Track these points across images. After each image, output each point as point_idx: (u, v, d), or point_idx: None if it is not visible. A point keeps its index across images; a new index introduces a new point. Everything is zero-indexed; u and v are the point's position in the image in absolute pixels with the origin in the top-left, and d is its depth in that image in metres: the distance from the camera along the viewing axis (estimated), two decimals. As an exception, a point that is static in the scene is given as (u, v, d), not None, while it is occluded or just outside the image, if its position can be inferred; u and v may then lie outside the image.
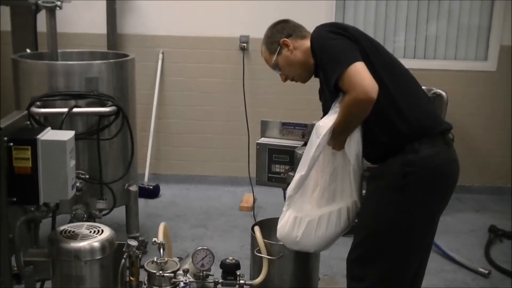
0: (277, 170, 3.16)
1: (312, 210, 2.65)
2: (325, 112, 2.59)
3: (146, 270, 2.77)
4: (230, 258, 2.96)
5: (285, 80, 2.80)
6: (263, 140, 3.26)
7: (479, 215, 5.25)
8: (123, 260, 2.67)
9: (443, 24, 5.62)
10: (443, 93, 5.03)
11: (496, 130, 5.67)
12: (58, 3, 3.79)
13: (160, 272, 2.73)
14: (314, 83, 2.74)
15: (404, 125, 2.46)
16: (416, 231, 2.49)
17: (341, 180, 2.62)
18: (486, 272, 4.07)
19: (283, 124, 3.25)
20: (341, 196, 2.64)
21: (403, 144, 2.45)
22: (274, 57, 2.72)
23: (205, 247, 2.85)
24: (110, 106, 3.67)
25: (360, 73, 2.37)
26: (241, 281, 2.90)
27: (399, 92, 2.50)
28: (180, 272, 2.79)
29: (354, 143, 2.53)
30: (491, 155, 5.73)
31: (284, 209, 2.73)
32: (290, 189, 2.67)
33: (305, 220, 2.65)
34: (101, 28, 5.46)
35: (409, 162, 2.44)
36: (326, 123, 2.51)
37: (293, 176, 2.66)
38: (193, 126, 5.77)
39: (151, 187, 5.43)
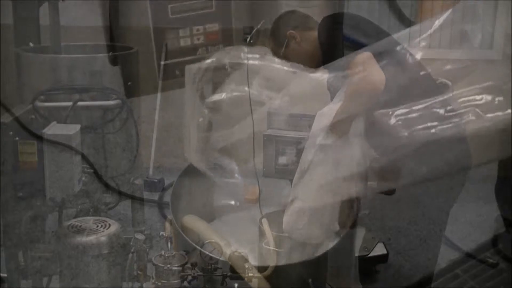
0: (284, 161, 3.14)
1: (316, 201, 2.63)
2: (333, 103, 2.57)
3: (153, 264, 2.76)
4: (238, 250, 2.94)
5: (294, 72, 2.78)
6: (270, 131, 3.23)
7: (486, 205, 5.21)
8: (130, 254, 2.66)
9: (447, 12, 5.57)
10: (448, 83, 4.99)
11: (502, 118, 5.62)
12: (61, -5, 3.77)
13: (168, 265, 2.71)
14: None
15: (414, 115, 2.43)
16: (432, 221, 2.46)
17: (345, 170, 2.60)
18: (494, 262, 4.05)
19: (290, 115, 3.22)
20: (344, 186, 2.61)
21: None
22: (282, 50, 2.70)
23: (213, 240, 2.84)
24: (114, 99, 3.65)
25: (367, 63, 2.35)
26: (249, 274, 2.89)
27: (407, 82, 2.48)
28: (188, 265, 2.78)
29: (357, 133, 2.51)
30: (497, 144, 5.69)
31: (289, 200, 2.71)
32: (294, 180, 2.66)
33: (309, 211, 2.63)
34: (104, 20, 5.42)
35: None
36: (329, 110, 2.49)
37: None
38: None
39: (156, 180, 5.41)
